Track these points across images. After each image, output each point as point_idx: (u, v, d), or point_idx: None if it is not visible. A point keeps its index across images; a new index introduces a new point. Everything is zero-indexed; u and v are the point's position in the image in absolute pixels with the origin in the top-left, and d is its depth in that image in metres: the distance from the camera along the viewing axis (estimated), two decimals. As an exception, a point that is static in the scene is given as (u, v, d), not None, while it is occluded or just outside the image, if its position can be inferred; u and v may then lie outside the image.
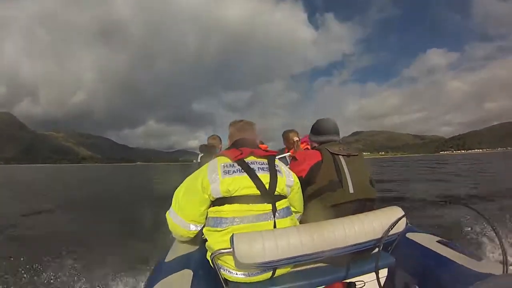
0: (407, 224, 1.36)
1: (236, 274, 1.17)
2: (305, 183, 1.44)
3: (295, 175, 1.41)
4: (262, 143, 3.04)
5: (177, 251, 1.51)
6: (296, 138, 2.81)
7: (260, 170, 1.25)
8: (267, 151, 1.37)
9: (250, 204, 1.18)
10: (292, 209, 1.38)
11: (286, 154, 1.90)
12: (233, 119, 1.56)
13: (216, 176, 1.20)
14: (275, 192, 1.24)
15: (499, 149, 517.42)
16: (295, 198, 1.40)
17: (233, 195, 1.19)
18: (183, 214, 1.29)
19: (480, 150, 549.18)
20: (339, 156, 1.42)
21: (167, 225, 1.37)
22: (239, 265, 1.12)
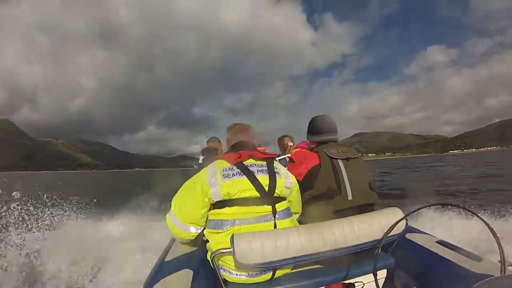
0: (406, 224, 1.34)
1: (236, 274, 1.18)
2: (302, 187, 1.43)
3: (293, 176, 1.41)
4: (259, 146, 3.00)
5: (177, 250, 1.51)
6: (290, 143, 2.83)
7: (259, 172, 1.27)
8: (265, 153, 1.38)
9: (250, 206, 1.19)
10: (291, 209, 1.39)
11: (286, 156, 1.92)
12: (234, 122, 1.56)
13: (216, 180, 1.21)
14: (275, 193, 1.25)
15: None
16: (294, 199, 1.41)
17: (233, 197, 1.20)
18: (183, 217, 1.29)
19: (493, 148, 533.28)
20: (338, 160, 1.39)
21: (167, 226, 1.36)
22: (239, 266, 1.13)
